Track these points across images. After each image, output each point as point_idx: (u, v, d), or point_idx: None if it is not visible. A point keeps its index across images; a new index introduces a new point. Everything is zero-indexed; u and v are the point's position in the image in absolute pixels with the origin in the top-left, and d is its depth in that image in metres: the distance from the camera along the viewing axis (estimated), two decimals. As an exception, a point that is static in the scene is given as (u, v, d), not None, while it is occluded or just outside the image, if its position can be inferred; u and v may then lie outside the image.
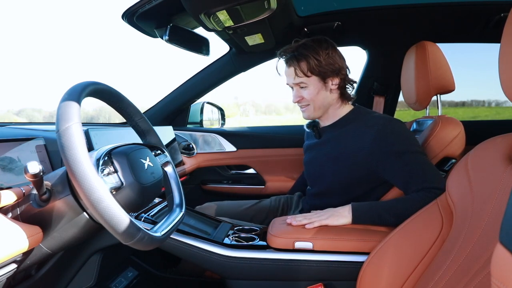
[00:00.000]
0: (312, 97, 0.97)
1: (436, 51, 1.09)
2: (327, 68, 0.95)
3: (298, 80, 0.96)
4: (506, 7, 1.11)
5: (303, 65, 0.94)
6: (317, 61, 0.94)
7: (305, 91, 0.97)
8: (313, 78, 0.96)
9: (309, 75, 0.95)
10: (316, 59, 0.94)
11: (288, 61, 0.97)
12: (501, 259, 0.29)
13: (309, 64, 0.94)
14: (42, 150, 0.80)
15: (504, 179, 0.56)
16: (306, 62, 0.94)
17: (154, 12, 1.08)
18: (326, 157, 1.02)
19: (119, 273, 1.03)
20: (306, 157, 1.13)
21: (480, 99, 5.20)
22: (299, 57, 0.94)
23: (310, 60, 0.94)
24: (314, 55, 0.94)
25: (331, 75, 0.96)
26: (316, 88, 0.96)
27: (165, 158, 0.73)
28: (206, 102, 1.82)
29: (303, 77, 0.95)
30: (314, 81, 0.96)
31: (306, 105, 1.00)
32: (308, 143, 1.13)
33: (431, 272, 0.64)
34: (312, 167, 1.08)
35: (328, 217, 0.86)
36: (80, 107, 0.50)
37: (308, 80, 0.96)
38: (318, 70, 0.94)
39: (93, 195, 0.45)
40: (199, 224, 0.98)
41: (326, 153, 1.02)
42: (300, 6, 1.29)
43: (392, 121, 0.93)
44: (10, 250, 0.49)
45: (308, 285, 0.81)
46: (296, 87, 0.99)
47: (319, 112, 1.01)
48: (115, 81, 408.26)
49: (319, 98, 0.98)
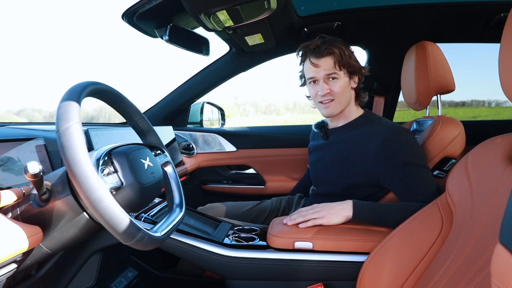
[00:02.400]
0: (340, 91, 0.97)
1: (436, 51, 1.09)
2: (355, 65, 0.98)
3: (331, 71, 0.96)
4: (506, 7, 1.11)
5: (337, 56, 0.95)
6: (348, 55, 0.96)
7: (335, 84, 0.96)
8: (343, 72, 0.97)
9: (340, 68, 0.96)
10: (348, 54, 0.96)
11: (322, 52, 0.95)
12: (501, 259, 0.29)
13: (343, 57, 0.95)
14: (42, 150, 0.80)
15: (504, 179, 0.56)
16: (340, 54, 0.95)
17: (154, 12, 1.08)
18: (331, 159, 1.02)
19: (119, 273, 1.03)
20: (312, 157, 1.13)
21: (480, 99, 5.21)
22: (334, 49, 0.95)
23: (343, 53, 0.95)
24: (346, 50, 0.96)
25: (356, 72, 0.99)
26: (345, 82, 0.97)
27: (165, 158, 0.73)
28: (206, 102, 1.82)
29: (335, 68, 0.95)
30: (344, 75, 0.97)
31: (331, 100, 0.98)
32: (315, 144, 1.13)
33: (431, 272, 0.64)
34: (318, 168, 1.09)
35: (324, 215, 0.85)
36: (80, 107, 0.50)
37: (340, 73, 0.96)
38: (348, 64, 0.96)
39: (93, 195, 0.45)
40: (199, 224, 0.98)
41: (332, 155, 1.02)
42: (300, 6, 1.29)
43: (400, 131, 0.92)
44: (10, 250, 0.49)
45: (308, 285, 0.81)
46: (325, 79, 0.97)
47: (340, 109, 1.00)
48: (115, 81, 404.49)
49: (345, 94, 0.98)
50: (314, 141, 1.17)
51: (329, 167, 1.03)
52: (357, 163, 0.95)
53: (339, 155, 1.00)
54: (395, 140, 0.89)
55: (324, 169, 1.05)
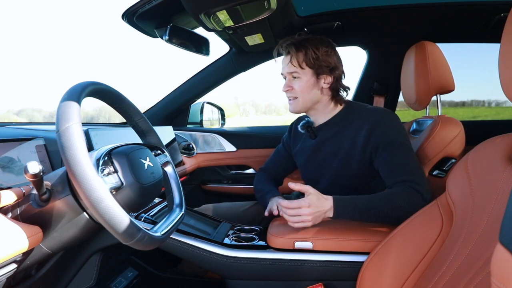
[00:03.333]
0: (302, 90, 0.96)
1: (436, 51, 1.09)
2: (323, 64, 0.95)
3: (292, 69, 0.96)
4: (506, 7, 1.11)
5: (300, 55, 0.94)
6: (315, 54, 0.94)
7: (296, 82, 0.97)
8: (307, 70, 0.95)
9: (304, 67, 0.95)
10: (315, 53, 0.94)
11: (286, 48, 0.96)
12: (501, 259, 0.29)
13: (306, 56, 0.94)
14: (42, 150, 0.80)
15: (504, 179, 0.56)
16: (303, 53, 0.94)
17: (154, 12, 1.08)
18: (325, 156, 1.00)
19: (119, 273, 1.03)
20: (301, 160, 1.09)
21: (480, 99, 5.21)
22: (298, 47, 0.94)
23: (308, 51, 0.94)
24: (313, 49, 0.94)
25: (325, 72, 0.96)
26: (308, 82, 0.96)
27: (165, 158, 0.73)
28: (206, 102, 1.82)
29: (297, 67, 0.95)
30: (308, 75, 0.96)
31: (294, 98, 0.99)
32: (302, 146, 1.10)
33: (431, 272, 0.64)
34: (310, 168, 1.06)
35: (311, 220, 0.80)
36: (80, 107, 0.50)
37: (302, 72, 0.96)
38: (313, 63, 0.94)
39: (93, 195, 0.45)
40: (199, 224, 0.98)
41: (324, 152, 1.01)
42: (300, 6, 1.29)
43: (386, 113, 0.94)
44: (10, 250, 0.49)
45: (308, 285, 0.81)
46: (289, 76, 0.98)
47: (304, 107, 1.00)
48: (115, 81, 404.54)
49: (309, 93, 0.97)
50: (298, 142, 1.13)
51: (322, 165, 1.01)
52: (351, 153, 0.94)
53: (332, 150, 0.98)
54: (383, 121, 0.91)
55: (319, 170, 1.03)
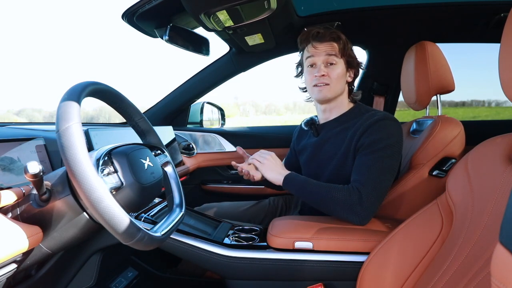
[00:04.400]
0: (337, 77, 0.96)
1: (436, 51, 1.09)
2: (353, 58, 0.99)
3: (332, 52, 0.96)
4: (506, 7, 1.11)
5: (340, 44, 0.96)
6: (349, 48, 0.98)
7: (332, 70, 0.96)
8: (342, 60, 0.97)
9: (340, 57, 0.97)
10: (349, 46, 0.98)
11: (326, 36, 0.96)
12: (501, 259, 0.29)
13: (344, 47, 0.97)
14: (42, 150, 0.80)
15: (504, 179, 0.56)
16: (342, 42, 0.96)
17: (154, 12, 1.08)
18: (325, 155, 1.00)
19: (119, 273, 1.03)
20: (304, 157, 1.10)
21: (480, 99, 5.21)
22: (338, 36, 0.96)
23: (346, 43, 0.97)
24: (347, 42, 0.98)
25: (353, 66, 1.00)
26: (342, 71, 0.97)
27: (165, 158, 0.73)
28: (206, 102, 1.82)
29: (337, 55, 0.96)
30: (342, 64, 0.97)
31: (326, 84, 0.96)
32: (305, 143, 1.10)
33: (431, 272, 0.64)
34: (311, 167, 1.06)
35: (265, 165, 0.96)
36: (80, 107, 0.50)
37: (339, 60, 0.97)
38: (349, 55, 0.98)
39: (93, 195, 0.45)
40: (199, 224, 0.98)
41: (325, 151, 1.00)
42: (300, 6, 1.29)
43: (384, 117, 0.91)
44: (10, 250, 0.49)
45: (308, 285, 0.81)
46: (324, 63, 0.97)
47: (334, 95, 0.99)
48: (115, 81, 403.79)
49: (340, 82, 0.98)
50: (302, 140, 1.14)
51: (323, 163, 1.01)
52: (345, 158, 0.93)
53: (332, 150, 0.98)
54: (375, 125, 0.89)
55: (318, 168, 1.03)
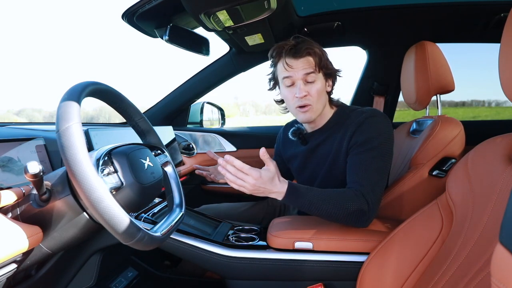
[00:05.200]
0: (317, 95, 0.90)
1: (436, 51, 1.09)
2: (331, 68, 0.93)
3: (310, 70, 0.89)
4: (506, 7, 1.11)
5: (316, 58, 0.89)
6: (324, 57, 0.91)
7: (312, 87, 0.90)
8: (320, 74, 0.91)
9: (318, 71, 0.90)
10: (325, 57, 0.92)
11: (302, 51, 0.88)
12: (501, 259, 0.29)
13: (321, 59, 0.90)
14: (42, 150, 0.80)
15: (504, 179, 0.56)
16: (318, 56, 0.89)
17: (154, 12, 1.08)
18: (316, 162, 0.98)
19: (119, 273, 1.03)
20: (295, 165, 1.07)
21: (480, 99, 5.21)
22: (313, 50, 0.89)
23: (321, 55, 0.90)
24: (323, 52, 0.91)
25: (331, 75, 0.94)
26: (321, 86, 0.91)
27: (165, 158, 0.73)
28: (206, 102, 1.82)
29: (315, 71, 0.89)
30: (321, 78, 0.91)
31: (309, 105, 0.91)
32: (294, 152, 1.06)
33: (431, 272, 0.64)
34: (303, 174, 1.04)
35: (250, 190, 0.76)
36: (80, 107, 0.50)
37: (318, 75, 0.90)
38: (326, 66, 0.91)
39: (93, 195, 0.45)
40: (199, 224, 0.98)
41: (316, 157, 0.98)
42: (300, 6, 1.29)
43: (373, 114, 0.89)
44: (10, 250, 0.49)
45: (308, 285, 0.81)
46: (302, 81, 0.90)
47: (318, 114, 0.94)
48: (115, 81, 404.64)
49: (321, 98, 0.92)
50: (289, 148, 1.09)
51: (315, 171, 0.99)
52: (336, 160, 0.92)
53: (321, 158, 0.96)
54: (365, 122, 0.87)
55: (311, 175, 1.00)
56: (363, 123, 0.87)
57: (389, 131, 0.88)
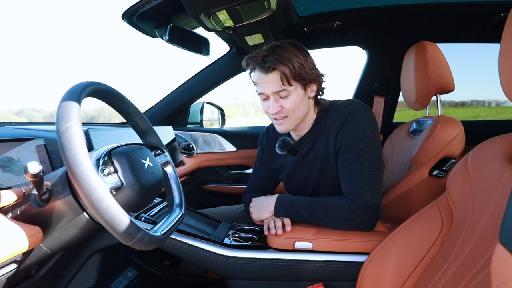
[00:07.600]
0: (294, 107, 0.85)
1: (436, 51, 1.09)
2: (310, 73, 0.85)
3: (279, 89, 0.83)
4: (506, 7, 1.11)
5: (287, 70, 0.81)
6: (300, 65, 0.83)
7: (286, 100, 0.84)
8: (296, 85, 0.84)
9: (292, 83, 0.83)
10: (300, 64, 0.83)
11: (269, 66, 0.81)
12: (501, 259, 0.29)
13: (294, 70, 0.82)
14: (42, 150, 0.80)
15: (504, 179, 0.56)
16: (290, 67, 0.81)
17: (154, 12, 1.08)
18: (306, 169, 0.96)
19: (119, 273, 1.03)
20: (283, 175, 1.03)
21: (480, 99, 5.22)
22: (283, 61, 0.81)
23: (295, 64, 0.82)
24: (297, 59, 0.82)
25: (312, 81, 0.87)
26: (298, 96, 0.85)
27: (165, 158, 0.73)
28: (206, 102, 1.82)
29: (287, 85, 0.82)
30: (297, 89, 0.84)
31: (284, 117, 0.87)
32: (282, 162, 1.02)
33: (431, 272, 0.64)
34: (293, 182, 1.01)
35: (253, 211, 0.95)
36: (80, 107, 0.50)
37: (291, 88, 0.83)
38: (302, 76, 0.83)
39: (93, 195, 0.45)
40: (199, 224, 0.98)
41: (305, 165, 0.95)
42: (300, 6, 1.29)
43: (356, 106, 0.86)
44: (10, 250, 0.49)
45: (308, 285, 0.81)
46: (275, 96, 0.85)
47: (296, 124, 0.90)
48: (115, 81, 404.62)
49: (300, 108, 0.87)
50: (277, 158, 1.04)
51: (306, 178, 0.97)
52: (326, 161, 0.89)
53: (311, 163, 0.94)
54: (351, 117, 0.84)
55: (302, 183, 0.98)
56: (345, 121, 0.84)
57: (373, 123, 0.85)
